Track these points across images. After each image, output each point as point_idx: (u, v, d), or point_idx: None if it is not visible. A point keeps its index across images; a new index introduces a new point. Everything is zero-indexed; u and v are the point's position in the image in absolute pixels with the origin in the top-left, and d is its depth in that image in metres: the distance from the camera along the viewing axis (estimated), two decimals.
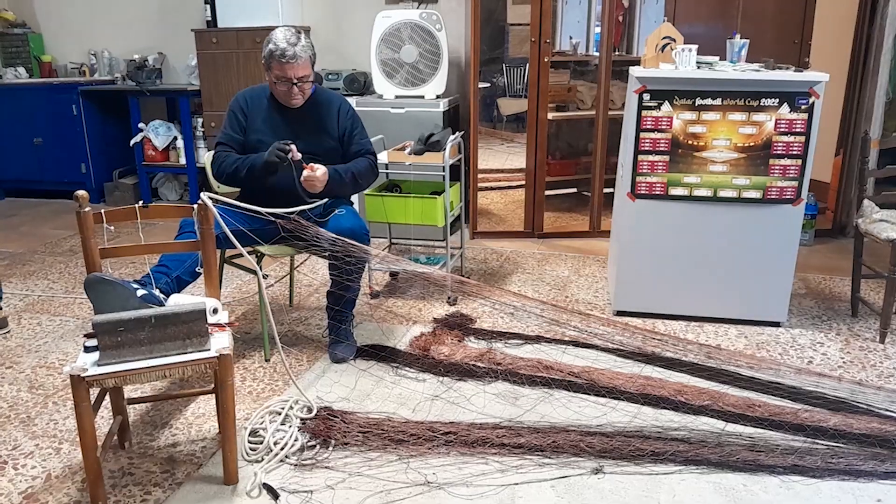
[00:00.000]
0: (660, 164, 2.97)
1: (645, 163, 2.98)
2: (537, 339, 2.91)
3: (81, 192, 1.99)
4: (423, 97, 4.35)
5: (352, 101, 3.90)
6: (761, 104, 2.84)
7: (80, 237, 2.05)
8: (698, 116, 2.90)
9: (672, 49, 3.09)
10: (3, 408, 2.49)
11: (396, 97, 4.37)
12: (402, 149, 3.48)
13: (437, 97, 4.36)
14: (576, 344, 2.87)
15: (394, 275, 3.73)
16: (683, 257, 3.04)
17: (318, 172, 2.57)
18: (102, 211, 2.01)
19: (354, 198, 3.47)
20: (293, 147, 2.55)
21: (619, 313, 3.17)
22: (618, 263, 3.15)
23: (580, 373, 2.59)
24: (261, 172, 2.60)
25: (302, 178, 2.56)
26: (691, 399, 2.45)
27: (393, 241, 3.81)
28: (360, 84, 4.68)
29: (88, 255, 2.04)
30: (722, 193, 2.95)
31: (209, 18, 4.94)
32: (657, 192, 2.99)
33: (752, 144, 2.88)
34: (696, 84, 2.88)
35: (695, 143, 2.93)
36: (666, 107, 2.92)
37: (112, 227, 2.02)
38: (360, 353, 2.81)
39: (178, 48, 5.30)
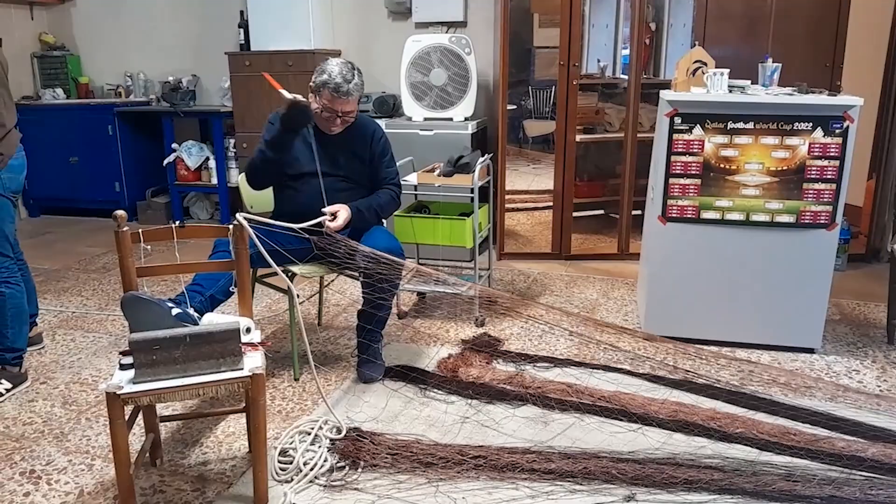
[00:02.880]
0: (691, 187, 2.95)
1: (676, 186, 2.96)
2: (566, 362, 2.89)
3: (120, 213, 2.03)
4: (451, 119, 4.39)
5: (381, 123, 3.95)
6: (794, 128, 2.82)
7: (115, 255, 2.08)
8: (730, 140, 2.89)
9: (703, 73, 3.08)
10: (38, 423, 2.53)
11: (425, 119, 4.41)
12: (432, 170, 3.50)
13: (466, 119, 4.40)
14: (606, 368, 2.84)
15: (421, 295, 3.74)
16: (715, 281, 3.01)
17: (339, 221, 2.59)
18: (140, 230, 2.05)
19: None
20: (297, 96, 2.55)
21: (649, 338, 3.14)
22: (648, 286, 3.12)
23: (611, 397, 2.56)
24: (280, 136, 2.60)
25: (325, 230, 2.56)
26: (724, 426, 2.41)
27: (421, 261, 3.82)
28: (390, 106, 4.73)
29: (125, 274, 2.07)
30: (754, 217, 2.93)
31: (242, 42, 5.05)
32: (689, 216, 2.98)
33: (785, 168, 2.86)
34: (729, 108, 2.87)
35: (727, 167, 2.91)
36: (697, 130, 2.91)
37: (149, 247, 2.05)
38: (389, 373, 2.82)
39: (212, 70, 5.41)
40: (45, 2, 5.74)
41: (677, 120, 2.91)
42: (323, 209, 2.58)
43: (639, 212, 4.32)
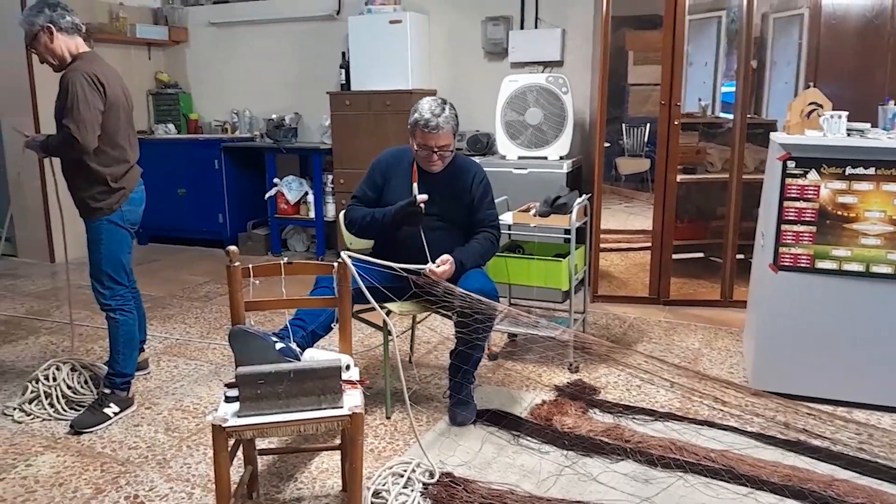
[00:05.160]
0: (805, 234, 2.80)
1: (789, 233, 2.81)
2: (668, 416, 2.76)
3: (233, 248, 2.10)
4: (545, 158, 4.36)
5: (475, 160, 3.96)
6: None
7: (216, 283, 2.15)
8: (849, 186, 2.73)
9: (819, 115, 2.94)
10: (142, 448, 2.62)
11: (519, 158, 4.40)
12: (527, 210, 3.47)
13: (561, 158, 4.36)
14: (711, 424, 2.69)
15: (512, 336, 3.68)
16: (831, 335, 2.82)
17: (442, 269, 2.59)
18: (250, 266, 2.10)
19: None
20: (420, 196, 2.62)
21: (758, 394, 2.96)
22: (756, 338, 2.96)
23: (717, 456, 2.42)
24: (390, 223, 2.69)
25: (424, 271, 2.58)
26: (844, 494, 2.22)
27: (513, 301, 3.78)
28: (484, 145, 4.75)
29: (235, 307, 2.13)
30: (875, 269, 2.73)
31: (343, 82, 5.22)
32: (802, 265, 2.81)
33: None
34: (848, 152, 2.72)
35: (845, 214, 2.74)
36: (813, 175, 2.76)
37: (258, 282, 2.11)
38: (481, 416, 2.77)
39: (314, 109, 5.61)
40: (162, 43, 6.14)
41: (791, 164, 2.78)
42: (428, 265, 2.59)
43: (743, 256, 4.14)
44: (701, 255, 4.85)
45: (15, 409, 2.87)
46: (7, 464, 2.50)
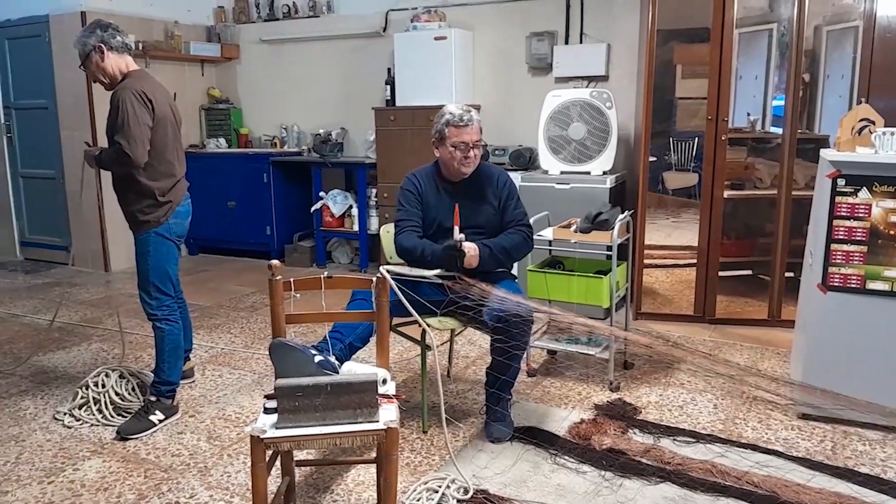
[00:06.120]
0: (856, 254, 2.71)
1: (839, 252, 2.73)
2: (710, 437, 2.70)
3: (275, 262, 2.14)
4: (588, 173, 4.33)
5: (516, 175, 3.96)
6: None
7: (262, 295, 2.19)
8: None
9: (871, 132, 2.85)
10: (185, 455, 2.68)
11: (562, 173, 4.39)
12: (568, 226, 3.45)
13: (604, 173, 4.32)
14: (754, 447, 2.62)
15: (552, 353, 3.65)
16: (883, 359, 2.71)
17: (469, 246, 2.65)
18: (291, 280, 2.14)
19: (517, 270, 3.46)
20: (461, 239, 2.65)
21: (804, 417, 2.87)
22: (804, 360, 2.87)
23: (760, 481, 2.35)
24: (431, 261, 2.71)
25: (457, 274, 2.60)
26: None
27: (553, 317, 3.74)
28: (526, 159, 4.75)
29: (275, 320, 2.17)
30: None
31: (388, 98, 5.28)
32: (852, 286, 2.72)
33: None
34: None
35: None
36: (864, 193, 2.68)
37: (298, 296, 2.14)
38: (518, 433, 2.75)
39: (359, 124, 5.70)
40: (214, 60, 6.33)
41: (841, 182, 2.70)
42: (456, 238, 2.63)
43: (792, 274, 4.03)
44: (749, 272, 4.73)
45: (65, 414, 2.97)
46: (56, 467, 2.59)
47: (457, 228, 2.68)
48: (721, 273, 4.21)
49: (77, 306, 4.71)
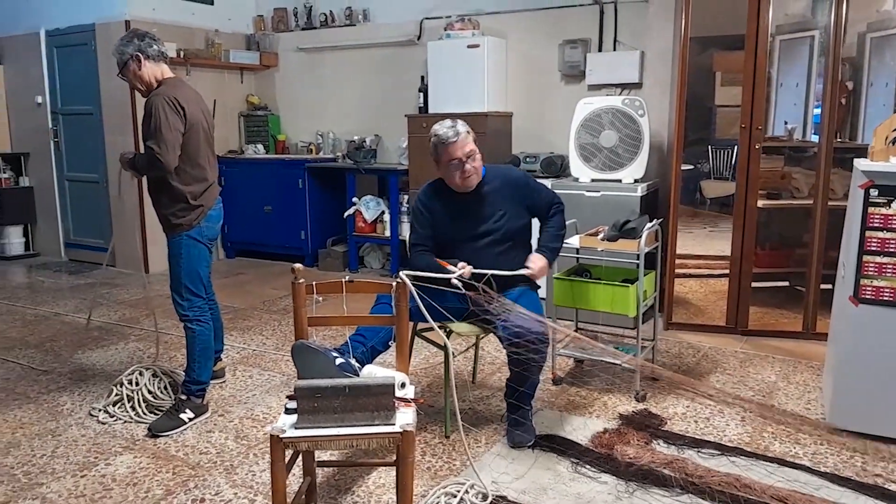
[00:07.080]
0: (889, 266, 2.64)
1: (871, 264, 2.66)
2: (736, 450, 2.65)
3: (298, 266, 2.19)
4: (619, 181, 4.30)
5: (547, 183, 3.95)
6: None
7: (293, 303, 2.23)
8: None
9: None
10: (212, 453, 2.74)
11: (592, 181, 4.37)
12: (595, 234, 3.43)
13: (636, 181, 4.29)
14: (781, 462, 2.56)
15: (579, 361, 3.63)
16: None
17: (537, 266, 2.77)
18: (314, 283, 2.19)
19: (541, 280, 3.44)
20: (460, 267, 2.67)
21: (835, 431, 2.80)
22: (835, 373, 2.81)
23: (786, 497, 2.30)
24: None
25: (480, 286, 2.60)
26: None
27: (580, 324, 3.73)
28: (557, 167, 4.74)
29: (298, 322, 2.22)
30: None
31: (421, 105, 5.33)
32: (885, 298, 2.66)
33: None
34: None
35: None
36: None
37: (321, 299, 2.19)
38: (539, 440, 2.74)
39: (393, 131, 5.76)
40: (253, 67, 6.46)
41: (873, 192, 2.64)
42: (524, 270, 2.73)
43: (829, 286, 3.93)
44: (785, 283, 4.64)
45: (100, 410, 3.06)
46: (89, 461, 2.68)
47: (448, 265, 2.67)
48: (756, 284, 4.13)
49: (116, 306, 4.86)
